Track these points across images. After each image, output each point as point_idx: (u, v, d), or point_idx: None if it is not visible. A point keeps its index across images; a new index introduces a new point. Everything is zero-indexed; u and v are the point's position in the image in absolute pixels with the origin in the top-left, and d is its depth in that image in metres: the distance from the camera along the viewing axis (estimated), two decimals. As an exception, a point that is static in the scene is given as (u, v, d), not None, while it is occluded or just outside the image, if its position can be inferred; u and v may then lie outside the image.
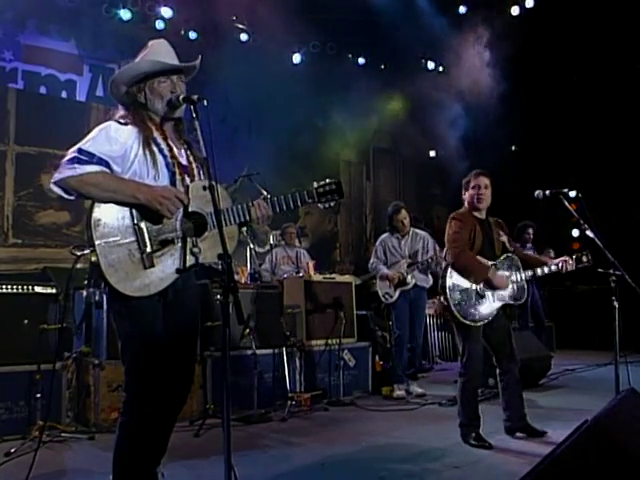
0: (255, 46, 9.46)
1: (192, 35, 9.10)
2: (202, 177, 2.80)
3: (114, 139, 2.64)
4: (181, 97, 2.67)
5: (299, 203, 2.81)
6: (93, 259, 2.56)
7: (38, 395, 4.49)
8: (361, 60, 10.74)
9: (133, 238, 2.58)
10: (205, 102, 2.59)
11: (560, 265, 4.52)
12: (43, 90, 8.49)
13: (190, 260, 2.63)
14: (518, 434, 4.51)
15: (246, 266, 6.88)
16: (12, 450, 4.07)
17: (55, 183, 2.58)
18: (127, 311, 2.66)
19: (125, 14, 8.41)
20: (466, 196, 4.59)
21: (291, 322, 6.10)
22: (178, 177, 2.70)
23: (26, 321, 4.71)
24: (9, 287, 4.76)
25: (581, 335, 10.50)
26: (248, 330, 5.29)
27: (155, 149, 2.70)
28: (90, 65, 8.88)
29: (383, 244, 6.68)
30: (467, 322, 4.33)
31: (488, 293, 4.41)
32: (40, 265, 7.63)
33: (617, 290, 4.40)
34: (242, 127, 9.79)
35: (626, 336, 4.49)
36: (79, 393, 5.03)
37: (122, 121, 2.72)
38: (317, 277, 6.66)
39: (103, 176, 2.57)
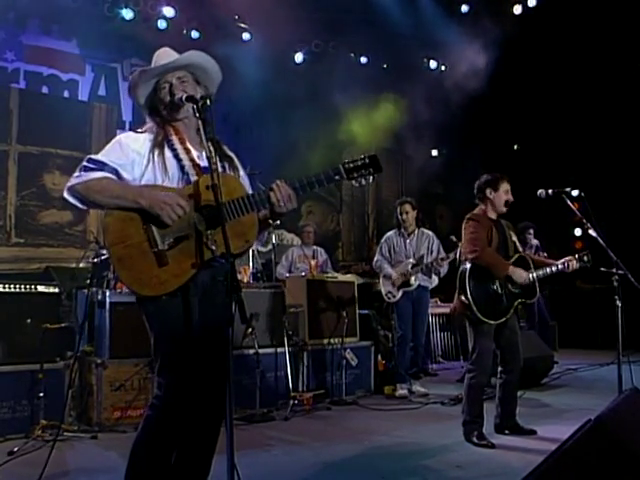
0: (257, 45, 9.45)
1: (194, 34, 9.11)
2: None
3: (125, 146, 2.68)
4: (184, 96, 2.65)
5: (325, 182, 2.60)
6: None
7: (41, 394, 4.50)
8: (363, 59, 10.73)
9: (145, 238, 2.57)
10: (208, 101, 2.59)
11: (566, 264, 4.57)
12: (45, 90, 8.50)
13: (207, 254, 2.57)
14: (506, 432, 4.56)
15: (248, 265, 6.89)
16: (15, 449, 4.08)
17: (67, 192, 2.63)
18: (153, 311, 2.65)
19: (127, 13, 8.42)
20: (492, 197, 4.57)
21: (293, 321, 6.11)
22: (193, 178, 2.67)
23: (29, 320, 4.71)
24: (11, 286, 4.76)
25: (584, 334, 10.49)
26: (251, 329, 5.29)
27: (169, 154, 2.69)
28: (92, 65, 8.88)
29: (388, 242, 6.65)
30: (489, 321, 4.38)
31: (504, 292, 4.46)
32: (42, 265, 7.63)
33: (620, 289, 4.41)
34: (244, 126, 9.78)
35: (629, 335, 4.49)
36: (82, 392, 5.04)
37: (139, 130, 2.79)
38: (320, 276, 6.66)
39: (107, 182, 2.59)
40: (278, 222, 3.07)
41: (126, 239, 2.56)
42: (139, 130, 2.80)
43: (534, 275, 4.55)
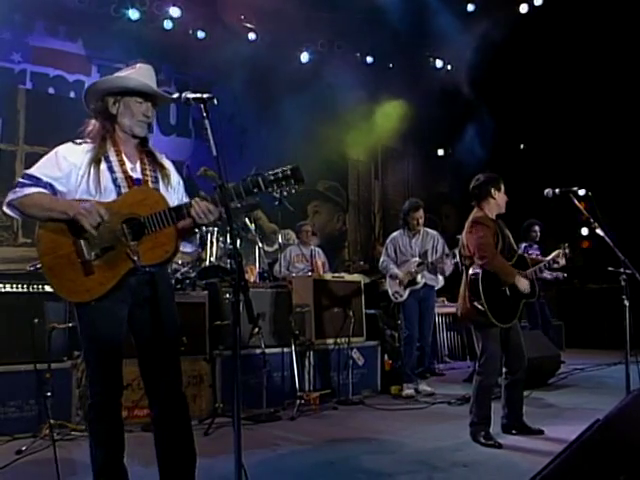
0: (263, 45, 9.47)
1: (200, 34, 9.14)
2: (160, 186, 2.89)
3: (62, 159, 2.80)
4: (191, 97, 2.66)
5: (243, 194, 2.68)
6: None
7: (48, 394, 4.51)
8: (369, 59, 10.73)
9: (73, 249, 2.72)
10: (215, 101, 2.61)
11: (552, 260, 4.60)
12: (52, 91, 8.52)
13: (129, 264, 2.70)
14: (514, 432, 4.56)
15: (255, 265, 6.89)
16: (23, 448, 4.10)
17: (5, 207, 2.79)
18: (82, 314, 2.81)
19: (133, 14, 8.45)
20: (497, 196, 4.56)
21: (300, 321, 6.10)
22: (124, 191, 2.80)
23: (36, 320, 4.72)
24: (19, 286, 4.80)
25: (591, 334, 10.45)
26: (257, 329, 5.30)
27: (104, 166, 2.80)
28: (98, 65, 8.90)
29: (394, 242, 6.64)
30: (502, 325, 4.41)
31: (512, 294, 4.47)
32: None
33: (627, 289, 4.39)
34: (250, 127, 9.79)
35: (637, 335, 4.47)
36: (89, 392, 5.05)
37: (78, 141, 2.88)
38: (326, 276, 6.66)
39: (39, 197, 2.74)
40: (201, 229, 3.19)
41: (56, 250, 2.74)
42: (78, 141, 2.89)
43: (530, 272, 4.55)
